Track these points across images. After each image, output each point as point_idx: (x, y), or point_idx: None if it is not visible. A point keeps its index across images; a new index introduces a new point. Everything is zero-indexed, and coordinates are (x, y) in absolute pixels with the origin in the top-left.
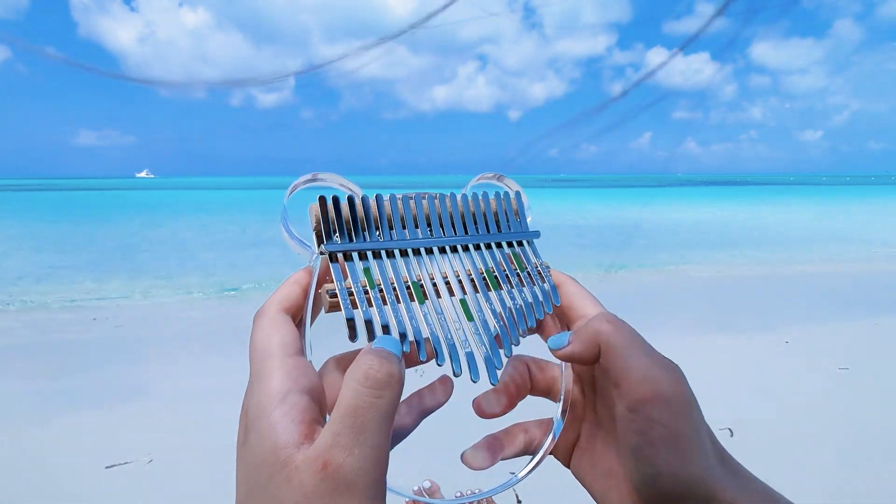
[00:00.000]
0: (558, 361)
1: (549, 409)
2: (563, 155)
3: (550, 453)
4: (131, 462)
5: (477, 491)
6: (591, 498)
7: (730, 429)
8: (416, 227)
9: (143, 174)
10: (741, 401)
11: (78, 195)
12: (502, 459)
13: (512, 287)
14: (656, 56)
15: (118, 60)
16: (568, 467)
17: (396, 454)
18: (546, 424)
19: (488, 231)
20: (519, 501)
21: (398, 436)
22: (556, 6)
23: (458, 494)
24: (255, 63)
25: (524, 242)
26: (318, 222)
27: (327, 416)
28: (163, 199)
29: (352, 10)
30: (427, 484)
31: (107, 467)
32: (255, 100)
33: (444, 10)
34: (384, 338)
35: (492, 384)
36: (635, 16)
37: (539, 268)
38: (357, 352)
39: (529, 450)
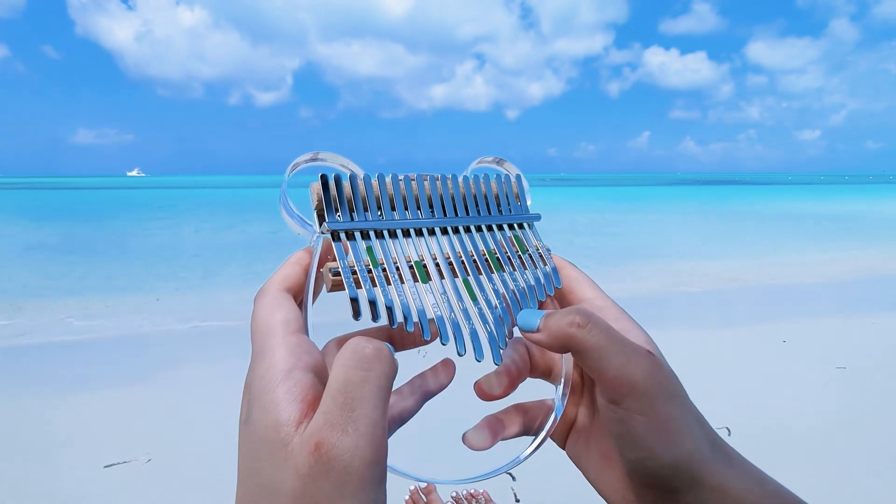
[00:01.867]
0: None
1: (547, 391)
2: (563, 154)
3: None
4: (130, 461)
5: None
6: (585, 492)
7: (727, 428)
8: (418, 207)
9: (133, 173)
10: (739, 400)
11: (67, 195)
12: (502, 440)
13: (514, 269)
14: (654, 55)
15: (115, 59)
16: (563, 449)
17: (397, 438)
18: (546, 405)
19: (489, 213)
20: (517, 501)
21: (402, 418)
22: (554, 6)
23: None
24: (253, 62)
25: (525, 225)
26: (319, 200)
27: None
28: (147, 198)
29: (349, 9)
30: (424, 484)
31: (105, 466)
32: (253, 98)
33: None
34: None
35: (496, 364)
36: (632, 15)
37: (540, 250)
38: (358, 331)
39: (530, 431)
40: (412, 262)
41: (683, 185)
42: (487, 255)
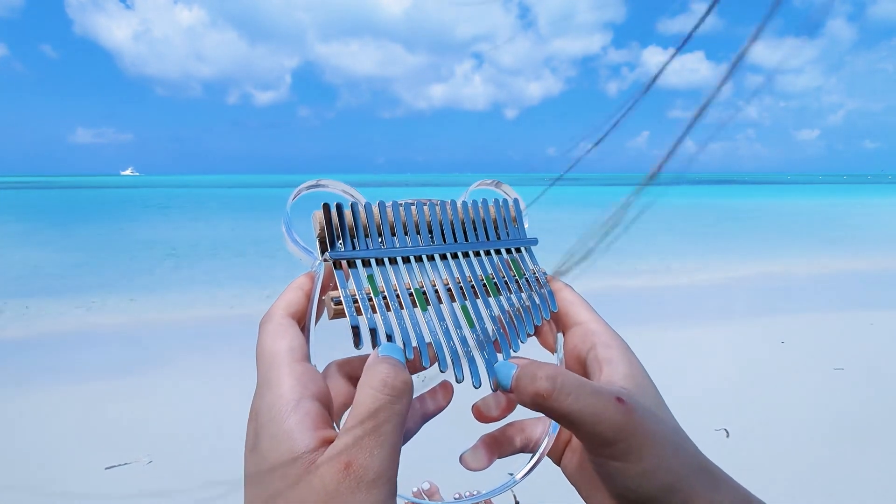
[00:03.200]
0: (556, 363)
1: None
2: (561, 153)
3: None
4: (131, 463)
5: (476, 493)
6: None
7: (725, 429)
8: (418, 233)
9: (127, 172)
10: (737, 401)
11: (55, 194)
12: (500, 458)
13: (511, 293)
14: (652, 55)
15: (114, 58)
16: (559, 465)
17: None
18: (542, 423)
19: (487, 238)
20: (517, 503)
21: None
22: (552, 5)
23: (457, 496)
24: (251, 61)
25: (522, 249)
26: (321, 229)
27: (334, 423)
28: (140, 198)
29: (347, 9)
30: (426, 485)
31: (106, 468)
32: (251, 97)
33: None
34: (389, 346)
35: (492, 390)
36: (630, 15)
37: (537, 274)
38: (358, 356)
39: (526, 448)
40: (412, 289)
41: (681, 184)
42: (485, 280)
